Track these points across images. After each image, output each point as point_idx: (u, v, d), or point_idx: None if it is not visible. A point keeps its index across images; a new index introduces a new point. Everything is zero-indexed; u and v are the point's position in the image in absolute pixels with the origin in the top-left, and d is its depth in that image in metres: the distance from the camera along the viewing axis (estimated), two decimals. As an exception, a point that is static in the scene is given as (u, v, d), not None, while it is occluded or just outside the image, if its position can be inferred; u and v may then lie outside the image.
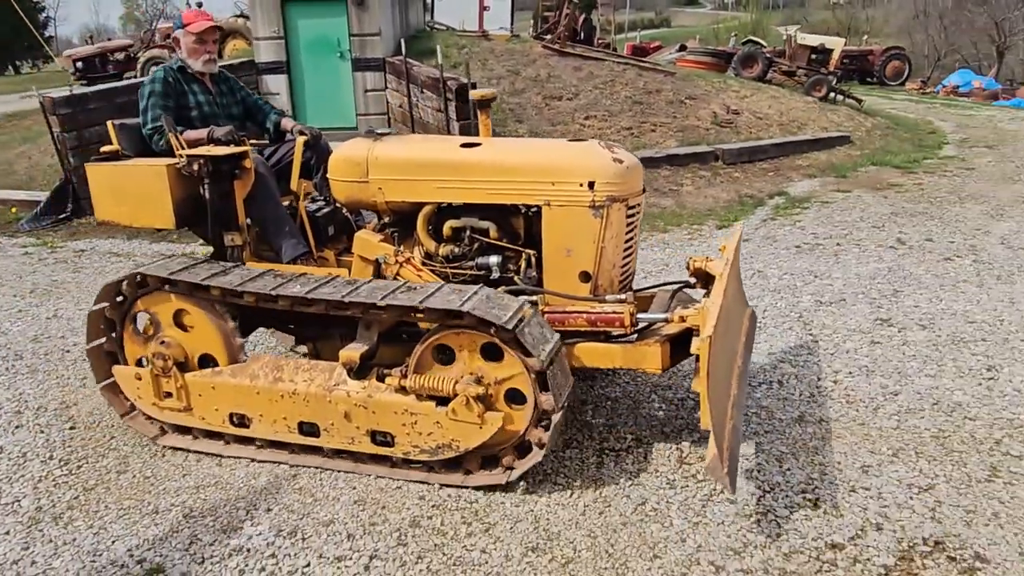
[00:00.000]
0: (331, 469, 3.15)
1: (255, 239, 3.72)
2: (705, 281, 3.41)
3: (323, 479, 3.11)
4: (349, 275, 3.50)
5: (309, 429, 3.16)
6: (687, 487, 2.97)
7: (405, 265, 3.35)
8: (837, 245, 6.25)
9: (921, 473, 3.02)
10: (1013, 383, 3.74)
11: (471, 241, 3.31)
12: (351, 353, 2.98)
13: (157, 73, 3.80)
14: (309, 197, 3.91)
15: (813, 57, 14.88)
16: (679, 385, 3.80)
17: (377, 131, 3.53)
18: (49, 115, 8.08)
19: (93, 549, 2.73)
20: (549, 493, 2.95)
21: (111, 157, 3.62)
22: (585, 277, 3.16)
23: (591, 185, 3.05)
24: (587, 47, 13.22)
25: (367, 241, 3.45)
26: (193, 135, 3.66)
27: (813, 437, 3.30)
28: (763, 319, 4.61)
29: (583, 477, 3.06)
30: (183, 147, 3.50)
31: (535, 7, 18.24)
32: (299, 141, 3.74)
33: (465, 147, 3.31)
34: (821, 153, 10.14)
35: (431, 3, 14.32)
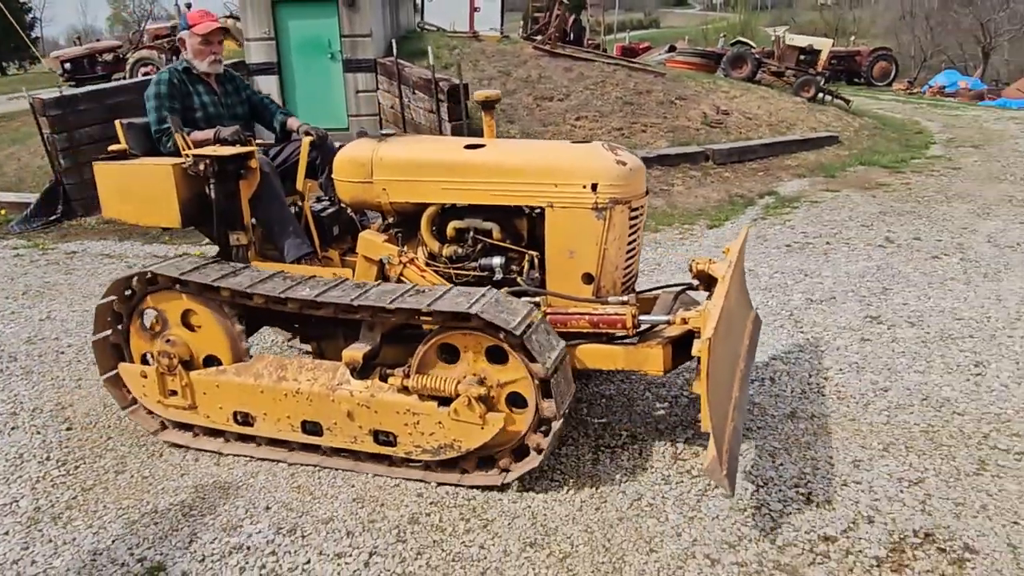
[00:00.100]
0: (330, 467, 3.17)
1: (260, 239, 3.73)
2: (708, 283, 3.40)
3: (321, 477, 3.13)
4: (353, 275, 3.52)
5: (312, 428, 3.17)
6: (682, 483, 3.01)
7: (409, 265, 3.36)
8: (827, 244, 6.31)
9: (911, 467, 3.07)
10: (1000, 379, 3.80)
11: (474, 242, 3.32)
12: (354, 353, 2.99)
13: (162, 75, 3.81)
14: (314, 197, 3.92)
15: (801, 58, 14.99)
16: (673, 383, 3.84)
17: (381, 132, 3.55)
18: (39, 116, 8.04)
19: (93, 548, 2.75)
20: (546, 489, 2.98)
21: (118, 156, 3.64)
22: (588, 279, 3.16)
23: (594, 187, 3.05)
24: (577, 48, 13.26)
25: (371, 241, 3.46)
26: (200, 136, 3.68)
27: (805, 433, 3.35)
28: (755, 317, 4.66)
29: (579, 473, 3.10)
30: (190, 148, 3.51)
31: (525, 8, 18.28)
32: (305, 142, 3.75)
33: (469, 148, 3.31)
34: (810, 153, 10.22)
35: (421, 4, 14.31)
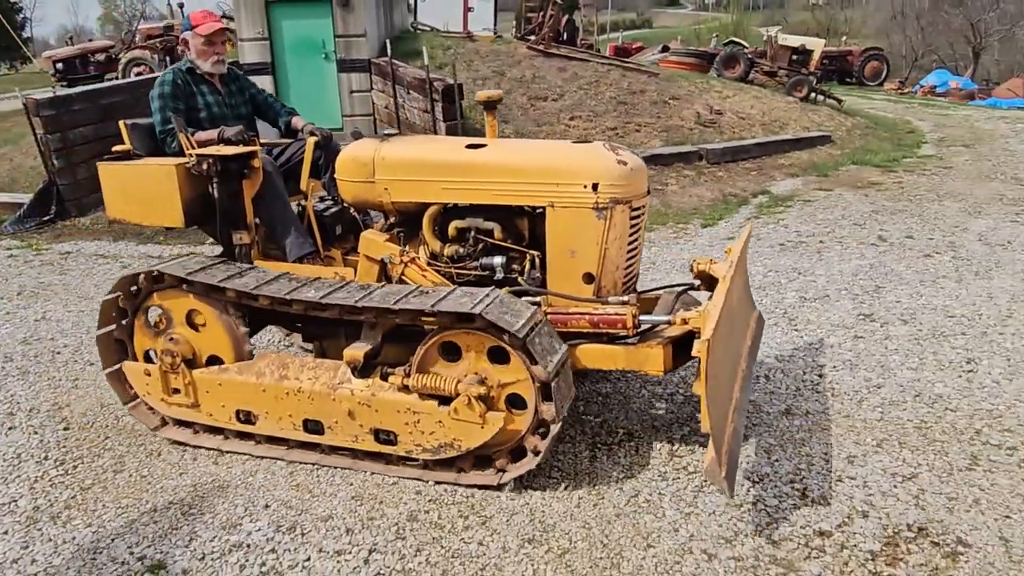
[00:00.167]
0: (328, 466, 3.19)
1: (263, 238, 3.74)
2: (709, 283, 3.39)
3: (320, 476, 3.15)
4: (355, 274, 3.53)
5: (314, 427, 3.18)
6: (678, 479, 3.04)
7: (410, 265, 3.37)
8: (820, 243, 6.36)
9: (904, 462, 3.10)
10: (992, 375, 3.85)
11: (476, 242, 3.32)
12: (355, 352, 2.99)
13: (166, 75, 3.81)
14: (317, 197, 3.93)
15: (794, 58, 15.01)
16: (669, 381, 3.86)
17: (383, 132, 3.56)
18: (33, 116, 7.99)
19: (93, 547, 2.75)
20: (544, 487, 3.00)
21: (123, 156, 3.64)
22: (588, 278, 3.16)
23: (595, 187, 3.05)
24: (571, 48, 13.29)
25: (373, 241, 3.47)
26: (204, 136, 3.69)
27: (800, 429, 3.38)
28: (749, 315, 4.69)
29: (577, 471, 3.12)
30: (193, 148, 3.52)
31: (518, 8, 18.28)
32: (309, 142, 3.76)
33: (471, 148, 3.31)
34: (803, 152, 10.28)
35: (414, 4, 14.30)
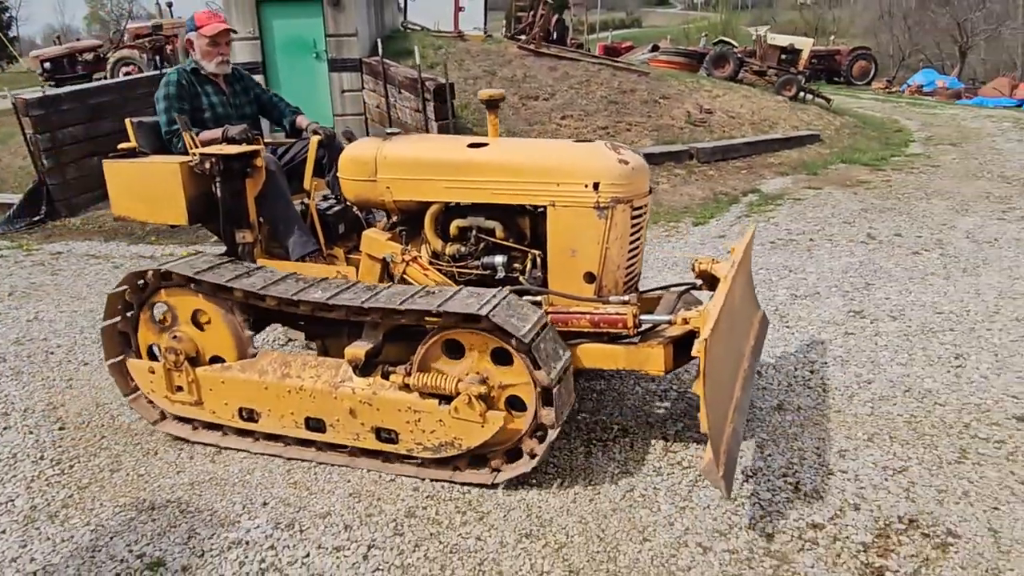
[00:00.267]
0: (325, 463, 3.20)
1: (266, 236, 3.75)
2: (711, 283, 3.40)
3: (317, 473, 3.16)
4: (357, 273, 3.55)
5: (316, 425, 3.19)
6: (673, 474, 3.07)
7: (412, 264, 3.38)
8: (810, 241, 6.41)
9: (895, 456, 3.15)
10: (980, 370, 3.90)
11: (477, 241, 3.33)
12: (356, 350, 3.00)
13: (171, 76, 3.82)
14: (321, 195, 3.93)
15: (783, 57, 15.10)
16: (662, 377, 3.89)
17: (386, 131, 3.57)
18: (22, 116, 7.97)
19: (92, 545, 2.76)
20: (540, 483, 3.03)
21: (128, 154, 3.65)
22: (590, 278, 3.16)
23: (596, 186, 3.04)
24: (562, 47, 13.33)
25: (375, 240, 3.48)
26: (208, 135, 3.70)
27: (792, 424, 3.42)
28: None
29: (572, 467, 3.15)
30: (197, 147, 3.53)
31: (507, 7, 18.29)
32: (313, 140, 3.77)
33: (472, 147, 3.31)
34: (792, 151, 10.36)
35: (404, 3, 14.28)
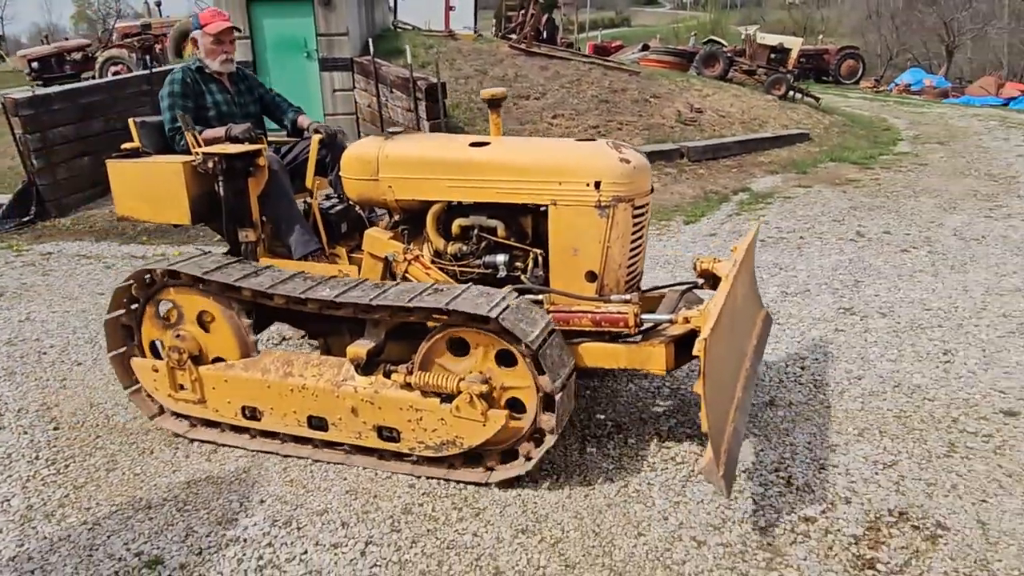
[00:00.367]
0: (321, 460, 3.22)
1: (269, 235, 3.76)
2: (713, 282, 3.41)
3: (314, 471, 3.18)
4: (359, 272, 3.56)
5: (318, 423, 3.19)
6: (667, 469, 3.10)
7: (414, 263, 3.39)
8: (800, 239, 6.47)
9: (885, 450, 3.19)
10: (968, 365, 3.96)
11: (479, 240, 3.33)
12: (358, 349, 3.01)
13: (176, 74, 3.82)
14: (323, 195, 3.94)
15: (772, 56, 15.18)
16: (656, 374, 3.92)
17: (389, 130, 3.59)
18: (11, 116, 7.91)
19: (89, 544, 2.77)
20: (535, 479, 3.05)
21: (131, 154, 3.65)
22: (591, 277, 3.16)
23: (597, 185, 3.05)
24: (553, 47, 13.36)
25: (377, 239, 3.49)
26: (211, 134, 3.70)
27: (784, 420, 3.46)
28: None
29: (567, 463, 3.18)
30: (200, 145, 3.54)
31: (497, 6, 18.30)
32: (314, 140, 3.78)
33: (474, 146, 3.32)
34: (782, 150, 10.42)
35: (395, 2, 14.29)
